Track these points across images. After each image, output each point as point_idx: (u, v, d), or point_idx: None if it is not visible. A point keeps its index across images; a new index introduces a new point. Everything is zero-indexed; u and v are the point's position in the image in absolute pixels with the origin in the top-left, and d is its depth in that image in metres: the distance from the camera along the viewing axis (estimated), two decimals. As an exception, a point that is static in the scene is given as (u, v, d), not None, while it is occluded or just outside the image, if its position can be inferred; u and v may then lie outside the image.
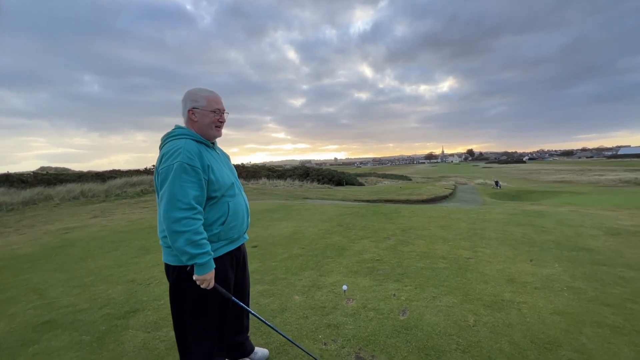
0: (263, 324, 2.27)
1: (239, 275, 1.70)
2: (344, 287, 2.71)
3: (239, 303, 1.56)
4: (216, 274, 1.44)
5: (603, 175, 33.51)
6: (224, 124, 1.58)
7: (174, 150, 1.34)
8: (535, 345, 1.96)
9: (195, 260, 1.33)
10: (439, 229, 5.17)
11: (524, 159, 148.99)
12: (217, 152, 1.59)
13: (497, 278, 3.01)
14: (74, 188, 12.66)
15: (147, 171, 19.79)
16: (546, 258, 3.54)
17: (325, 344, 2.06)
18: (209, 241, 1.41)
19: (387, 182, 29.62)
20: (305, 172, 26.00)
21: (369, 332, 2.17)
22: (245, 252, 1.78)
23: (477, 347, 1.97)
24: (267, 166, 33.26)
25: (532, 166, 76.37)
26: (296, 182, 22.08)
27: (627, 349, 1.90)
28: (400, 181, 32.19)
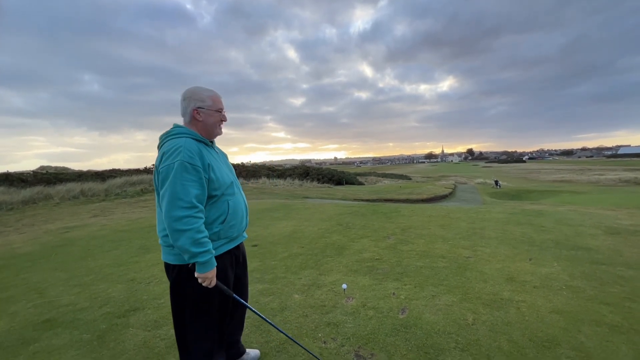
0: (263, 322, 2.29)
1: (239, 274, 1.70)
2: (344, 286, 2.72)
3: (240, 300, 1.57)
4: (216, 272, 1.45)
5: (603, 175, 33.54)
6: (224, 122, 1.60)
7: (174, 149, 1.35)
8: (534, 344, 1.97)
9: (197, 258, 1.34)
10: (438, 228, 5.18)
11: (524, 159, 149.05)
12: (216, 151, 1.60)
13: (497, 277, 3.02)
14: (74, 187, 12.67)
15: (147, 170, 19.78)
16: (545, 257, 3.55)
17: (324, 342, 2.07)
18: (210, 240, 1.41)
19: (387, 182, 29.63)
20: (305, 172, 26.00)
21: (368, 330, 2.18)
22: (244, 250, 1.79)
23: (476, 345, 1.98)
24: (267, 165, 33.28)
25: (532, 165, 76.40)
26: (296, 181, 22.09)
27: (625, 347, 1.91)
28: (400, 180, 32.19)
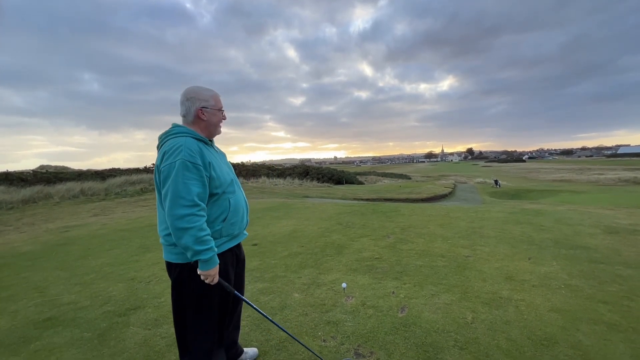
0: (263, 321, 2.30)
1: (238, 272, 1.72)
2: (344, 285, 2.73)
3: (241, 298, 1.59)
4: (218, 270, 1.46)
5: (602, 174, 33.57)
6: None
7: (175, 147, 1.35)
8: (532, 342, 1.98)
9: (200, 256, 1.35)
10: (438, 227, 5.19)
11: (524, 158, 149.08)
12: (215, 150, 1.61)
13: (496, 276, 3.03)
14: (74, 186, 12.67)
15: (147, 170, 19.77)
16: (544, 256, 3.56)
17: (324, 340, 2.08)
18: (212, 237, 1.42)
19: (386, 181, 29.64)
20: (305, 171, 26.01)
21: (368, 329, 2.19)
22: (243, 249, 1.80)
23: (474, 343, 1.99)
24: (267, 165, 33.27)
25: (532, 165, 76.43)
26: (296, 180, 22.10)
27: (622, 345, 1.92)
28: (400, 180, 32.21)
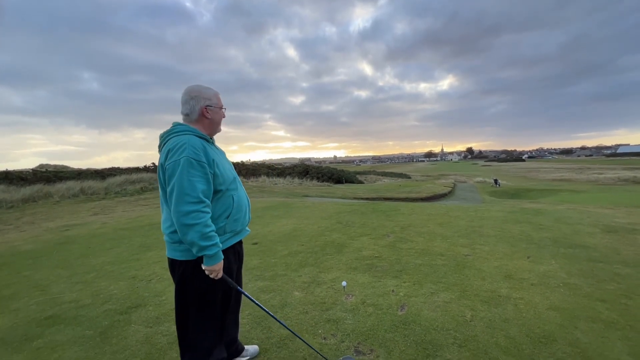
0: (263, 319, 2.32)
1: (238, 269, 1.74)
2: (344, 284, 2.74)
3: (244, 294, 1.61)
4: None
5: (602, 174, 33.61)
6: None
7: (179, 145, 1.37)
8: (531, 340, 2.00)
9: (206, 251, 1.37)
10: (437, 226, 5.20)
11: (524, 157, 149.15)
12: (216, 148, 1.63)
13: (495, 274, 3.04)
14: (74, 185, 12.67)
15: (147, 169, 19.76)
16: (543, 255, 3.58)
17: (324, 338, 2.10)
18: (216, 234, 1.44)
19: (386, 180, 29.66)
20: (304, 170, 26.02)
21: (367, 326, 2.21)
22: (243, 246, 1.82)
23: (473, 341, 2.01)
24: (266, 164, 33.28)
25: (532, 164, 76.51)
26: (296, 179, 22.11)
27: (620, 343, 1.94)
28: (400, 179, 32.23)
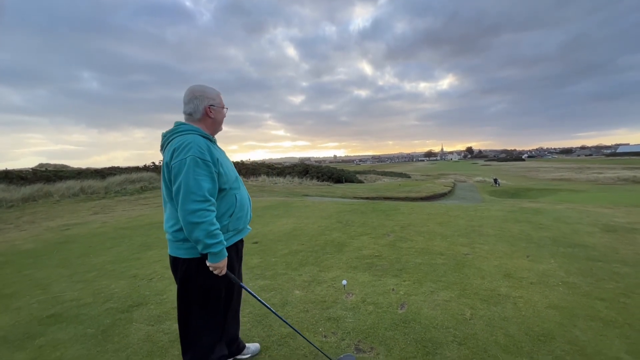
0: (264, 317, 2.34)
1: (238, 267, 1.75)
2: (344, 282, 2.76)
3: (247, 290, 1.63)
4: None
5: (601, 173, 33.66)
6: None
7: (185, 144, 1.39)
8: (530, 338, 2.02)
9: (211, 249, 1.39)
10: (437, 225, 5.22)
11: (523, 157, 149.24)
12: (218, 147, 1.64)
13: (494, 273, 3.06)
14: (74, 185, 12.68)
15: (147, 168, 19.77)
16: (542, 254, 3.59)
17: (325, 336, 2.11)
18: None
19: (386, 180, 29.67)
20: (304, 170, 26.02)
21: (368, 325, 2.22)
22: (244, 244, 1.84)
23: (473, 339, 2.02)
24: (266, 163, 33.29)
25: (531, 164, 76.55)
26: (295, 179, 22.12)
27: (618, 341, 1.96)
28: (400, 179, 32.25)
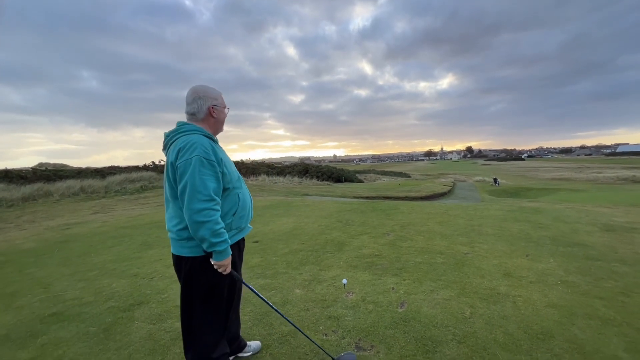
0: (265, 316, 2.35)
1: (240, 265, 1.77)
2: (344, 281, 2.78)
3: (250, 288, 1.65)
4: None
5: (601, 173, 33.70)
6: None
7: (190, 144, 1.40)
8: (529, 336, 2.03)
9: (216, 247, 1.41)
10: (437, 225, 5.24)
11: (523, 157, 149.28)
12: (220, 147, 1.65)
13: (494, 272, 3.08)
14: (74, 184, 12.68)
15: (146, 167, 19.76)
16: (542, 253, 3.61)
17: (326, 334, 2.13)
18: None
19: (386, 179, 29.68)
20: (304, 169, 26.02)
21: (368, 323, 2.24)
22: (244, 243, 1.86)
23: (472, 337, 2.04)
24: (266, 163, 33.28)
25: (531, 163, 76.61)
26: (295, 178, 22.12)
27: (616, 339, 1.98)
28: (399, 178, 32.25)
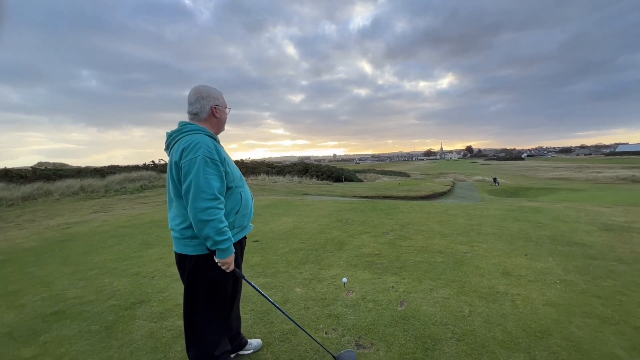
0: (265, 314, 2.37)
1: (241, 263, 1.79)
2: (344, 280, 2.79)
3: (253, 285, 1.67)
4: None
5: (601, 173, 33.77)
6: None
7: (194, 144, 1.42)
8: (527, 334, 2.05)
9: (219, 245, 1.43)
10: (436, 224, 5.25)
11: (523, 156, 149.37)
12: (222, 147, 1.67)
13: (493, 271, 3.09)
14: (74, 183, 12.69)
15: (146, 167, 19.77)
16: (541, 252, 3.63)
17: (326, 332, 2.15)
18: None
19: (385, 179, 29.71)
20: (304, 169, 26.03)
21: (368, 321, 2.25)
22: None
23: (471, 335, 2.06)
24: (266, 162, 33.29)
25: (531, 163, 76.68)
26: (295, 178, 22.13)
27: (614, 337, 1.99)
28: (399, 178, 32.28)
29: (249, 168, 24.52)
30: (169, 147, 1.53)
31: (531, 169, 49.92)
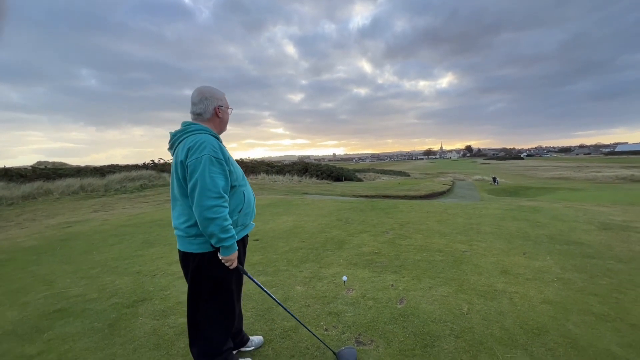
0: (267, 311, 2.40)
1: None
2: (344, 278, 2.82)
3: (256, 283, 1.70)
4: None
5: (600, 172, 33.85)
6: None
7: (200, 143, 1.44)
8: (525, 331, 2.08)
9: (224, 243, 1.46)
10: (436, 223, 5.28)
11: (522, 156, 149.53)
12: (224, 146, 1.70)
13: (491, 270, 3.13)
14: (74, 183, 12.71)
15: (146, 166, 19.77)
16: (539, 251, 3.66)
17: (326, 330, 2.18)
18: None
19: (385, 178, 29.74)
20: (304, 168, 26.05)
21: (368, 319, 2.28)
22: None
23: (469, 332, 2.09)
24: (266, 162, 33.31)
25: (530, 162, 76.78)
26: (295, 177, 22.15)
27: (610, 334, 2.03)
28: (399, 177, 32.31)
29: (249, 167, 24.54)
30: (173, 147, 1.55)
31: (530, 169, 50.01)
